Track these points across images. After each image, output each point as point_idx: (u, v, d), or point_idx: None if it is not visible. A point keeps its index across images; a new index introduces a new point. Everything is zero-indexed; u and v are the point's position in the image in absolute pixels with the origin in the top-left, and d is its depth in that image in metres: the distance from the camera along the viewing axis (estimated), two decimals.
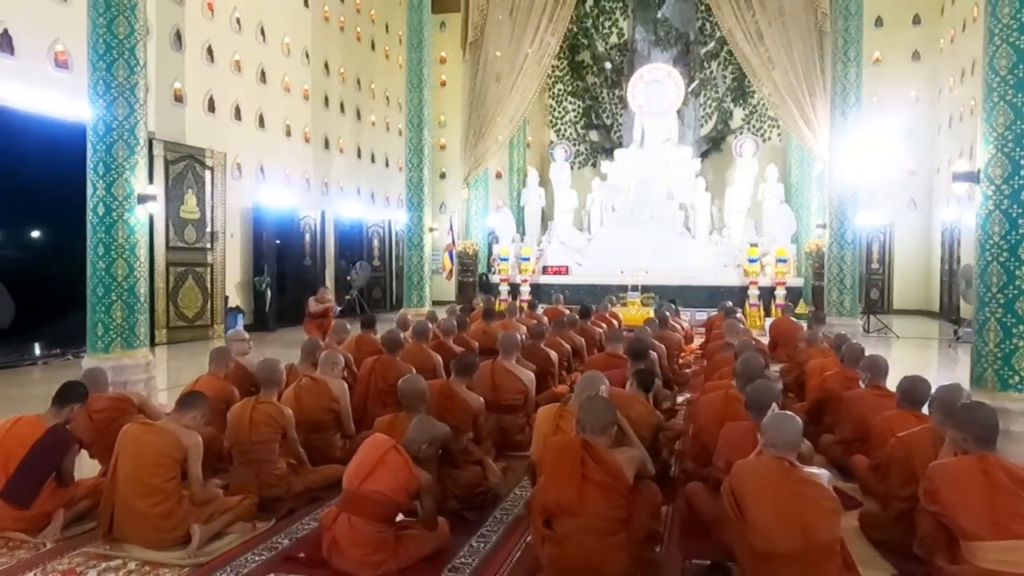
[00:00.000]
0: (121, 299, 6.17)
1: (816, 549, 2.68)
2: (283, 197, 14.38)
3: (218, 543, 3.56)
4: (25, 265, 10.56)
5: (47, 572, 3.25)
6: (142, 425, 3.66)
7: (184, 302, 11.78)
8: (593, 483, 2.95)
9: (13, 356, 9.51)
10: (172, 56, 11.72)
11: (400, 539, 3.30)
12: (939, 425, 3.46)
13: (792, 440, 2.88)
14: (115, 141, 6.13)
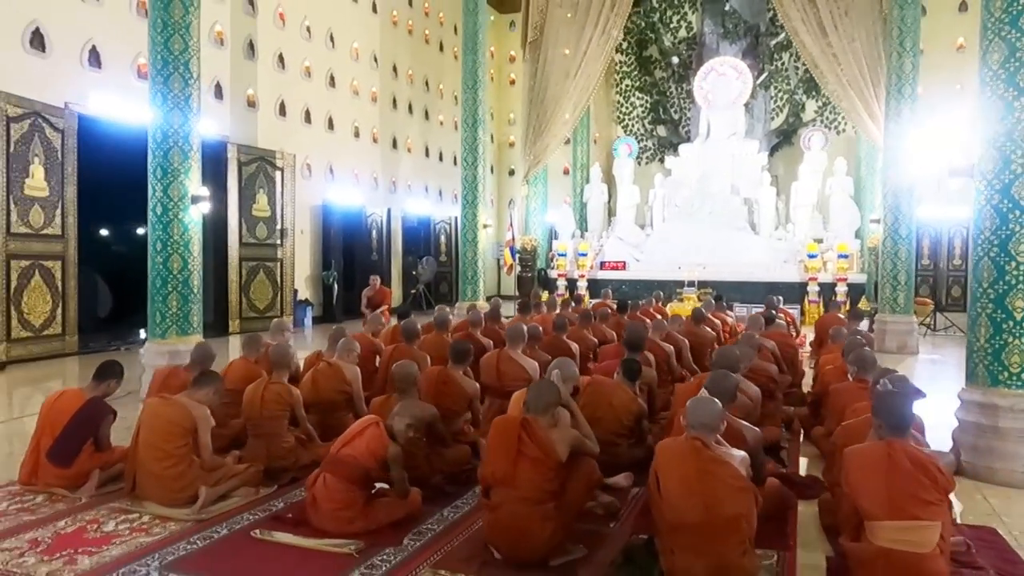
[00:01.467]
0: (176, 290, 6.83)
1: (718, 522, 2.90)
2: (351, 195, 15.10)
3: (223, 504, 4.05)
4: (130, 259, 11.67)
5: (76, 521, 3.80)
6: (160, 399, 4.20)
7: (255, 295, 12.62)
8: (527, 458, 3.25)
9: (117, 341, 10.52)
10: (245, 65, 12.56)
11: (371, 503, 3.70)
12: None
13: (708, 423, 3.10)
14: (171, 147, 6.79)
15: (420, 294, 16.62)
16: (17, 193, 8.82)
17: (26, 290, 8.99)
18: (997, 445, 4.58)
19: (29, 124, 8.95)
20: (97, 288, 12.04)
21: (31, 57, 9.16)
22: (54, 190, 9.30)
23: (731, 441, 3.55)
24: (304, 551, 3.46)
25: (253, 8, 12.72)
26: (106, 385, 4.48)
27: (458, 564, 3.30)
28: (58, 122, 9.34)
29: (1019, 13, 4.52)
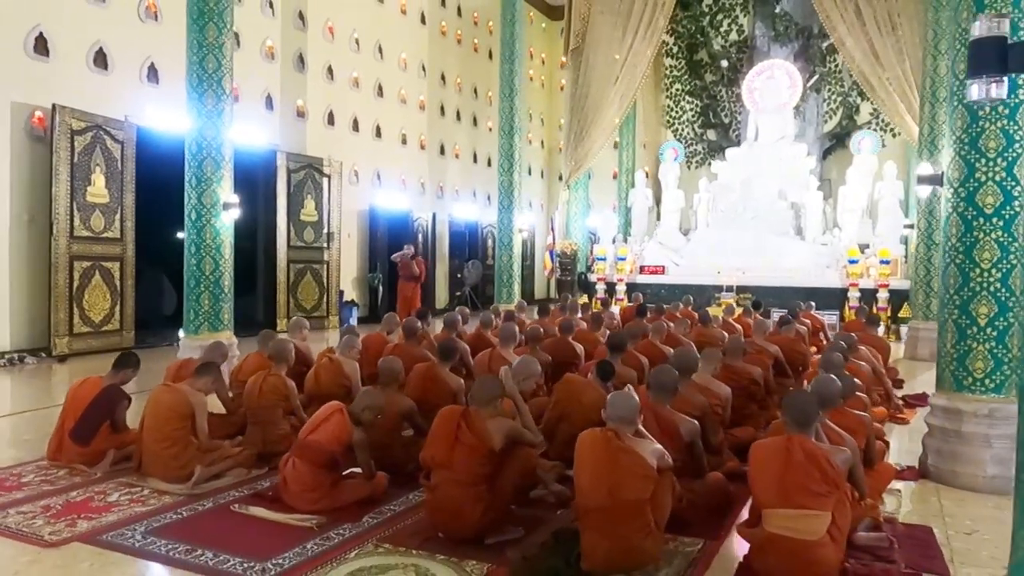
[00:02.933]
0: (208, 290, 7.42)
1: (620, 506, 3.16)
2: (398, 200, 15.68)
3: (216, 482, 4.51)
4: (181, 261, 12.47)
5: (86, 492, 4.32)
6: (163, 387, 4.69)
7: (302, 295, 13.29)
8: (463, 444, 3.57)
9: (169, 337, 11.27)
10: (295, 77, 13.25)
11: (337, 484, 4.09)
12: None
13: (624, 416, 3.35)
14: (204, 158, 7.38)
15: (466, 296, 17.06)
16: (80, 200, 9.63)
17: (87, 289, 9.79)
18: (960, 449, 4.64)
19: (91, 136, 9.75)
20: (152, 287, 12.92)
21: (94, 74, 9.98)
22: (114, 197, 10.09)
23: (664, 432, 3.80)
24: (272, 524, 3.87)
25: (303, 23, 13.41)
26: (123, 374, 5.01)
27: (403, 539, 3.64)
28: (118, 134, 10.14)
29: None
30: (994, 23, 2.03)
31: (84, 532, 3.71)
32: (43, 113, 9.29)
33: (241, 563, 3.36)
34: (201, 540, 3.62)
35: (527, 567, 3.29)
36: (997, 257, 4.57)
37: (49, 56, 9.44)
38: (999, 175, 4.54)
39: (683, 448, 3.89)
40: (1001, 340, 4.57)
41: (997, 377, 4.59)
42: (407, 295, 12.20)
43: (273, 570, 3.31)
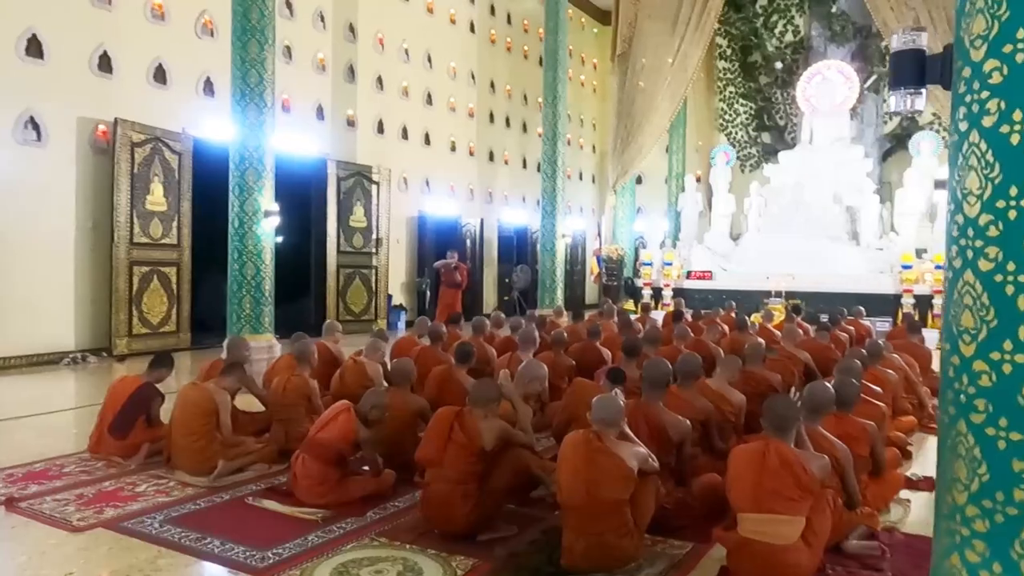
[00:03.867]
0: (249, 294, 7.77)
1: (598, 506, 3.24)
2: (447, 206, 15.96)
3: (238, 475, 4.76)
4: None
5: (118, 482, 4.63)
6: (190, 385, 4.98)
7: (352, 299, 13.67)
8: (454, 443, 3.72)
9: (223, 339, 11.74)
10: (345, 87, 13.67)
11: (344, 479, 4.28)
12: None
13: (606, 418, 3.44)
14: (247, 168, 7.74)
15: (515, 301, 17.22)
16: (139, 208, 10.17)
17: (146, 292, 10.33)
18: None
19: (151, 148, 10.30)
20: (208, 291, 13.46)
21: (154, 89, 10.54)
22: (171, 205, 10.62)
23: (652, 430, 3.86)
24: (281, 516, 4.08)
25: (354, 35, 13.82)
26: (158, 373, 5.34)
27: (399, 534, 3.80)
28: (175, 145, 10.66)
29: None
30: (911, 37, 2.05)
31: (109, 519, 3.99)
32: (106, 127, 9.86)
33: (244, 551, 3.58)
34: (212, 529, 3.85)
35: (511, 563, 3.40)
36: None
37: (112, 73, 10.01)
38: None
39: (672, 448, 3.94)
40: None
41: None
42: (448, 301, 12.43)
43: (273, 559, 3.50)
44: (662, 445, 3.87)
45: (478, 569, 3.41)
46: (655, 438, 3.85)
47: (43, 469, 4.89)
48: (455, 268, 12.53)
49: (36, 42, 9.21)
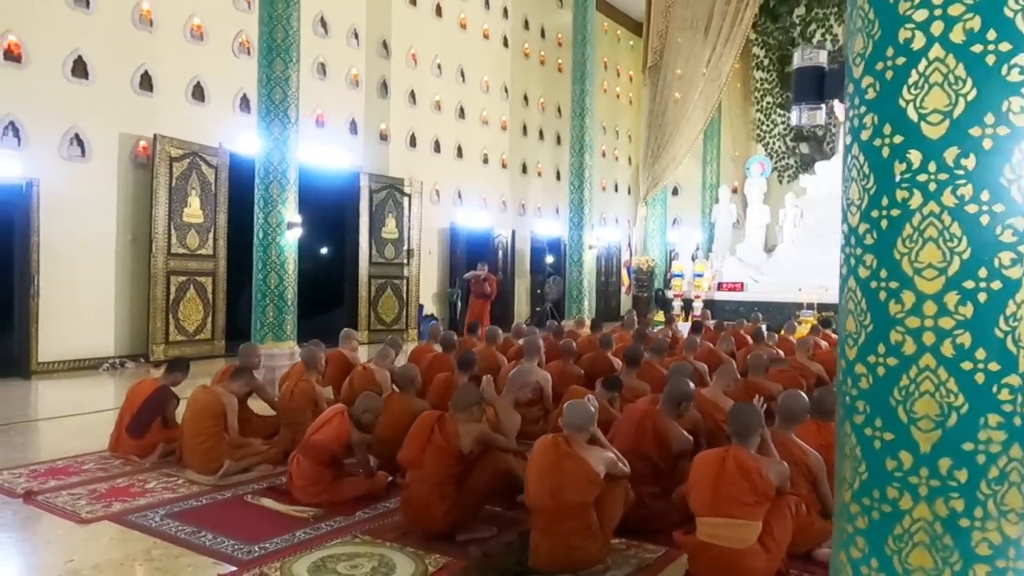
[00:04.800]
0: (272, 302, 8.05)
1: (562, 508, 3.34)
2: (479, 218, 16.18)
3: (244, 475, 4.99)
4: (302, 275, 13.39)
5: (130, 479, 4.89)
6: (201, 388, 5.23)
7: (383, 309, 13.96)
8: (433, 446, 3.86)
9: None
10: (378, 102, 14.01)
11: (337, 480, 4.46)
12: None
13: (575, 423, 3.53)
14: (271, 181, 8.04)
15: (547, 312, 17.31)
16: (177, 220, 10.60)
17: (182, 301, 10.74)
18: None
19: (188, 162, 10.73)
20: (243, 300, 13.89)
21: (192, 106, 11.00)
22: (208, 217, 11.04)
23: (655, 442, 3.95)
24: (275, 513, 4.28)
25: (387, 52, 14.18)
26: (174, 377, 5.60)
27: (382, 532, 3.95)
28: (212, 159, 11.09)
29: None
30: (812, 54, 2.13)
31: (115, 512, 4.23)
32: (146, 142, 10.33)
33: (233, 545, 3.77)
34: (208, 524, 4.06)
35: (482, 562, 3.52)
36: None
37: (153, 91, 10.49)
38: None
39: (671, 457, 4.03)
40: None
41: None
42: (476, 311, 12.63)
43: (258, 552, 3.69)
44: (663, 453, 3.96)
45: (449, 567, 3.53)
46: (658, 446, 3.95)
47: (65, 466, 5.19)
48: (484, 279, 12.71)
49: (82, 63, 9.72)
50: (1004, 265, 1.63)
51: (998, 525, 1.64)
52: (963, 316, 1.65)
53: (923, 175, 1.68)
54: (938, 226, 1.66)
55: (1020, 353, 1.63)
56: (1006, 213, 1.62)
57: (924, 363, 1.68)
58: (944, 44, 1.66)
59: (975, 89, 1.63)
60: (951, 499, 1.66)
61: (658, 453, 3.87)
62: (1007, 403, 1.63)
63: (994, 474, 1.64)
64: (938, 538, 1.67)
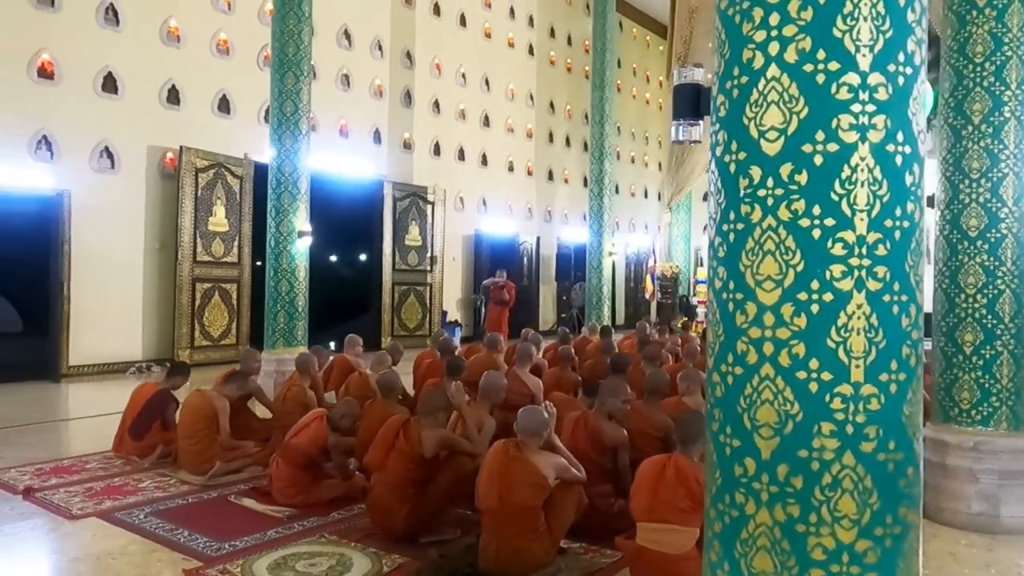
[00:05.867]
0: (284, 309, 8.28)
1: (508, 510, 3.43)
2: (504, 225, 16.31)
3: (233, 476, 5.17)
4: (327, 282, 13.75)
5: (126, 478, 5.12)
6: (195, 392, 5.44)
7: (406, 315, 14.17)
8: (397, 450, 3.98)
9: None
10: (402, 111, 14.26)
11: (315, 482, 4.60)
12: None
13: (528, 428, 3.62)
14: (283, 191, 8.28)
15: (573, 318, 17.35)
16: (203, 228, 10.96)
17: (207, 307, 11.09)
18: (944, 483, 4.43)
19: (213, 173, 11.09)
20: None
21: (218, 118, 11.36)
22: (232, 225, 11.38)
23: (591, 441, 4.02)
24: (253, 513, 4.45)
25: (411, 62, 14.42)
26: (173, 381, 5.84)
27: (348, 533, 4.08)
28: (237, 170, 11.44)
29: (964, 40, 4.44)
30: (689, 72, 2.19)
31: (104, 509, 4.45)
32: (173, 154, 10.71)
33: (207, 542, 3.94)
34: (187, 522, 4.25)
35: (435, 564, 3.62)
36: (982, 282, 4.37)
37: (179, 104, 10.88)
38: (983, 196, 4.35)
39: (608, 453, 4.09)
40: (988, 369, 4.35)
41: (984, 408, 4.37)
42: (494, 318, 12.73)
43: (227, 549, 3.85)
44: (598, 449, 4.03)
45: (404, 567, 3.64)
46: (593, 445, 4.01)
47: (69, 465, 5.45)
48: (502, 286, 12.82)
49: (111, 79, 10.14)
50: (835, 277, 1.67)
51: (832, 531, 1.68)
52: (798, 327, 1.69)
53: (762, 190, 1.73)
54: (775, 239, 1.71)
55: (851, 363, 1.67)
56: (836, 227, 1.67)
57: (764, 372, 1.73)
58: (780, 64, 1.71)
59: (807, 107, 1.68)
60: (788, 505, 1.71)
61: (594, 450, 3.97)
62: (839, 412, 1.67)
63: (827, 480, 1.68)
64: (778, 543, 1.72)
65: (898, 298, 1.69)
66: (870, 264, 1.66)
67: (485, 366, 7.14)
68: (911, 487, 1.73)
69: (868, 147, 1.66)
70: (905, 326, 1.70)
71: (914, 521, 1.74)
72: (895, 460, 1.69)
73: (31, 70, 9.37)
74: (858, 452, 1.67)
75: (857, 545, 1.67)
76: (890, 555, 1.69)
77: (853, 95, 1.66)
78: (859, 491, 1.67)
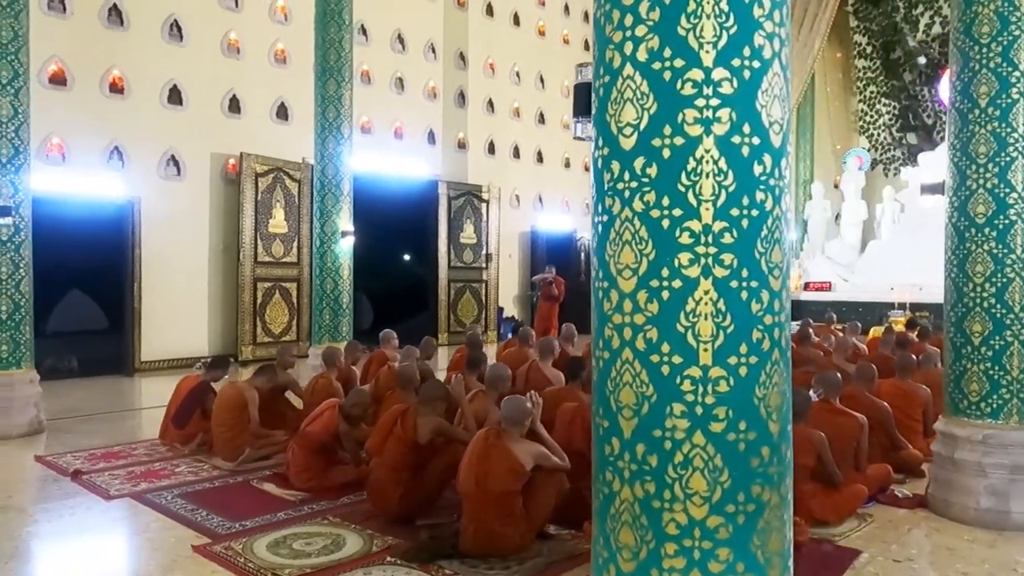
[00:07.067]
0: (329, 306, 8.65)
1: (485, 495, 3.57)
2: (560, 221, 16.39)
3: (262, 462, 5.50)
4: (384, 280, 14.25)
5: (165, 464, 5.51)
6: (228, 383, 5.80)
7: (462, 311, 14.46)
8: (394, 436, 4.18)
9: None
10: (456, 112, 14.54)
11: (328, 467, 4.86)
12: None
13: (509, 416, 3.75)
14: (326, 193, 8.65)
15: None
16: (263, 230, 11.50)
17: (268, 305, 11.63)
18: (954, 478, 4.32)
19: (272, 177, 11.62)
20: None
21: (276, 125, 11.89)
22: (291, 227, 11.89)
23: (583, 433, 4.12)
24: (269, 495, 4.74)
25: (464, 63, 14.68)
26: (214, 373, 6.23)
27: (351, 516, 4.31)
28: (295, 173, 11.94)
29: (971, 21, 4.30)
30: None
31: (138, 491, 4.82)
32: (234, 160, 11.28)
33: (220, 521, 4.24)
34: (208, 503, 4.56)
35: (422, 545, 3.79)
36: (990, 271, 4.23)
37: (240, 113, 11.45)
38: (990, 182, 4.22)
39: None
40: (997, 360, 4.21)
41: (993, 401, 4.23)
42: (543, 313, 12.80)
43: (237, 528, 4.14)
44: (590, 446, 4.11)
45: (394, 547, 3.83)
46: (586, 438, 4.10)
47: (119, 450, 5.90)
48: (551, 282, 12.90)
49: (177, 91, 10.76)
50: (683, 265, 1.75)
51: (684, 507, 1.76)
52: (651, 313, 1.78)
53: (621, 183, 1.82)
54: (632, 230, 1.80)
55: (700, 347, 1.74)
56: (684, 217, 1.75)
57: (625, 356, 1.83)
58: (633, 63, 1.80)
59: (656, 103, 1.77)
60: (646, 482, 1.80)
61: (586, 446, 4.03)
62: (689, 393, 1.75)
63: (679, 459, 1.76)
64: (637, 518, 1.81)
65: (747, 284, 1.75)
66: (716, 252, 1.73)
67: (516, 360, 7.32)
68: (766, 467, 1.79)
69: (713, 139, 1.73)
70: (756, 311, 1.76)
71: (771, 500, 1.80)
72: (747, 440, 1.76)
73: (103, 86, 10.06)
74: (708, 432, 1.75)
75: (709, 521, 1.75)
76: (743, 531, 1.76)
77: (697, 90, 1.73)
78: (709, 469, 1.75)
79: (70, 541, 4.07)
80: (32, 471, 5.41)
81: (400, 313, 14.16)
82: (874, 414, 5.12)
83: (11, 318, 6.37)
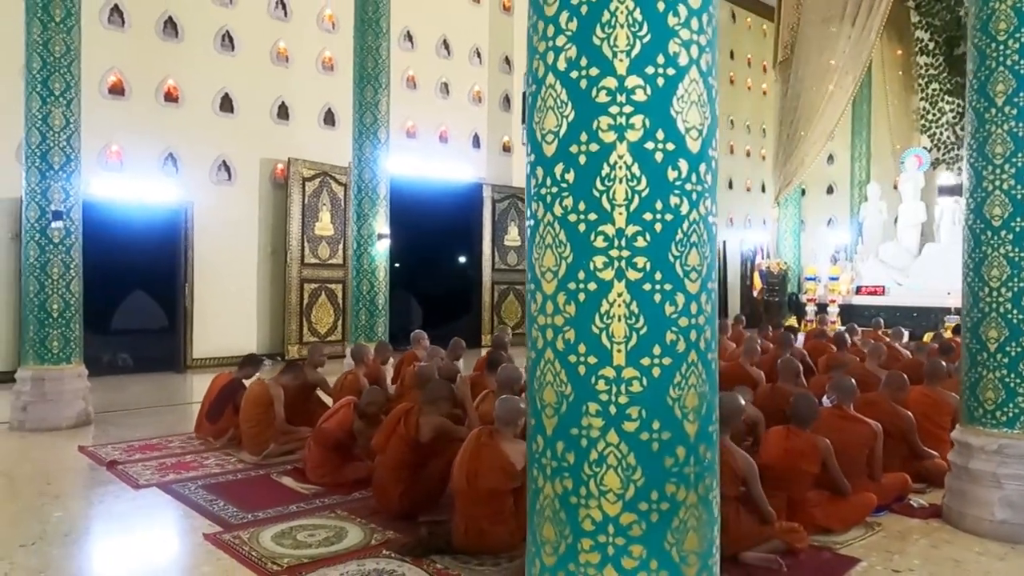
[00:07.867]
0: (365, 307, 8.86)
1: (476, 493, 3.65)
2: None
3: (286, 457, 5.69)
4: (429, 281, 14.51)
5: (196, 456, 5.76)
6: (256, 381, 6.02)
7: (506, 313, 14.56)
8: (396, 435, 4.29)
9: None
10: (501, 116, 14.67)
11: (343, 463, 5.01)
12: None
13: (503, 416, 3.81)
14: (363, 197, 8.86)
15: None
16: (310, 233, 11.84)
17: (314, 306, 11.97)
18: (968, 488, 4.19)
19: (319, 181, 11.96)
20: None
21: (323, 131, 12.23)
22: (337, 230, 12.21)
23: None
24: (287, 489, 4.92)
25: (509, 67, 14.81)
26: (246, 371, 6.48)
27: (358, 510, 4.44)
28: (341, 178, 12.24)
29: (987, 18, 4.18)
30: None
31: (165, 481, 5.07)
32: (282, 165, 11.65)
33: (235, 512, 4.43)
34: (227, 494, 4.77)
35: (420, 539, 3.89)
36: (1007, 275, 4.10)
37: (288, 119, 11.82)
38: (1007, 183, 4.09)
39: None
40: (1013, 367, 4.07)
41: (1009, 409, 4.09)
42: None
43: (249, 519, 4.32)
44: None
45: (392, 540, 3.95)
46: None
47: (156, 443, 6.19)
48: None
49: (228, 99, 11.19)
50: (598, 268, 1.79)
51: (599, 503, 1.80)
52: (569, 314, 1.83)
53: (544, 188, 1.88)
54: (552, 234, 1.86)
55: (613, 348, 1.79)
56: (598, 221, 1.79)
57: (547, 356, 1.88)
58: (554, 72, 1.85)
59: (573, 111, 1.82)
60: (564, 479, 1.85)
61: None
62: (604, 392, 1.80)
63: (594, 456, 1.80)
64: (557, 513, 1.86)
65: (661, 287, 1.78)
66: (629, 255, 1.77)
67: None
68: (681, 466, 1.81)
69: (626, 146, 1.77)
70: (670, 313, 1.79)
71: (687, 499, 1.82)
72: (660, 440, 1.79)
73: (159, 95, 10.53)
74: (621, 431, 1.79)
75: (622, 518, 1.79)
76: (657, 529, 1.79)
77: (611, 98, 1.78)
78: (623, 467, 1.79)
79: (93, 525, 4.32)
80: (74, 461, 5.73)
81: (445, 315, 14.37)
82: (896, 422, 5.01)
83: (62, 316, 6.74)
